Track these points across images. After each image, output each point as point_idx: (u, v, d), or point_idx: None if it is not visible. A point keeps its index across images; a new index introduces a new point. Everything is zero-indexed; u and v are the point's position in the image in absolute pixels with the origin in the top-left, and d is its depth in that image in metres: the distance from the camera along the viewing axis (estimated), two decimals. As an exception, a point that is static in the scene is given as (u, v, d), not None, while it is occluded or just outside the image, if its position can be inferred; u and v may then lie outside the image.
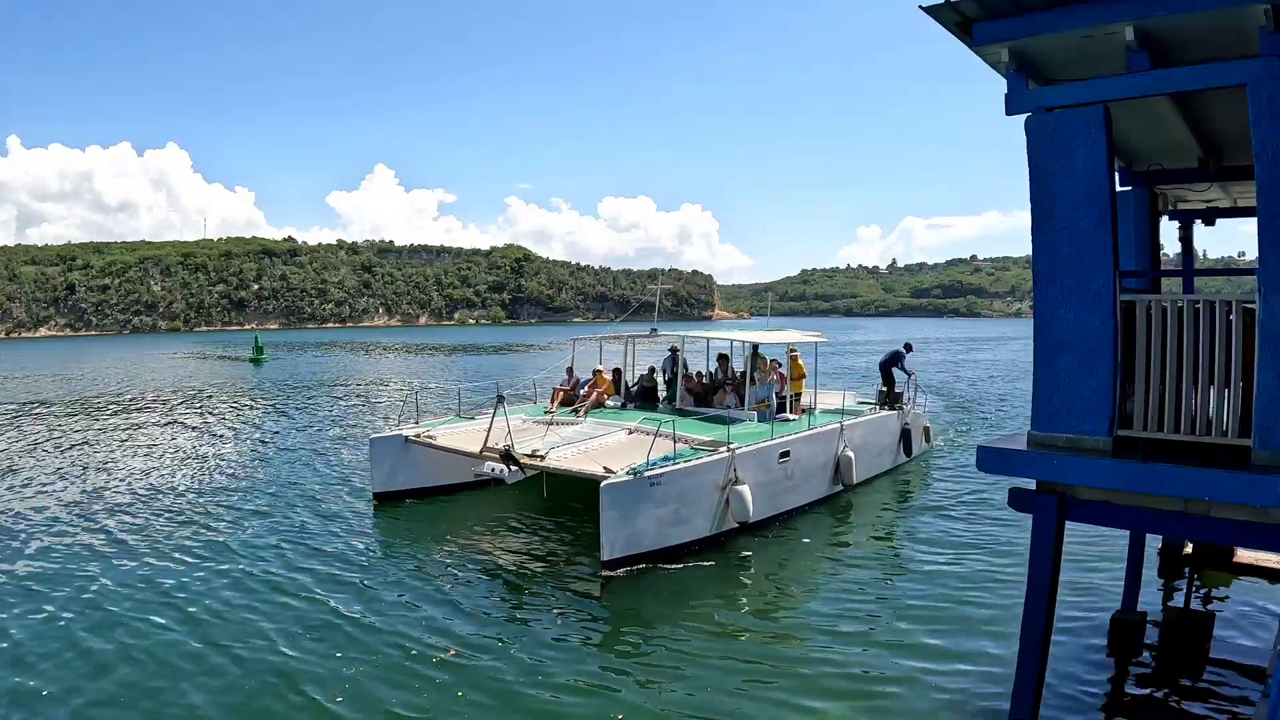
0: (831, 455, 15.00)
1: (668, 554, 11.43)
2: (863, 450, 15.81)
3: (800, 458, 13.90)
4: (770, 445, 13.26)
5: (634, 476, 11.02)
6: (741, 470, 12.26)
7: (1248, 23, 4.72)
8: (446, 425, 15.53)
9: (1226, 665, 8.13)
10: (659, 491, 11.20)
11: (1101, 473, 5.12)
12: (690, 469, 11.72)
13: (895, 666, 8.32)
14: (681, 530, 11.65)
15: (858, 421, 16.14)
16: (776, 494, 13.42)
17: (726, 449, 12.29)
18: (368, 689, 7.77)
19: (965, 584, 10.76)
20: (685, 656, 8.58)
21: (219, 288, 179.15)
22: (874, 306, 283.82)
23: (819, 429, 14.86)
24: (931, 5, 5.31)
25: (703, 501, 11.89)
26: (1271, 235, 4.64)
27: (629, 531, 10.99)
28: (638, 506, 11.03)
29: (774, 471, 13.26)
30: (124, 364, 62.13)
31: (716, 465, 12.09)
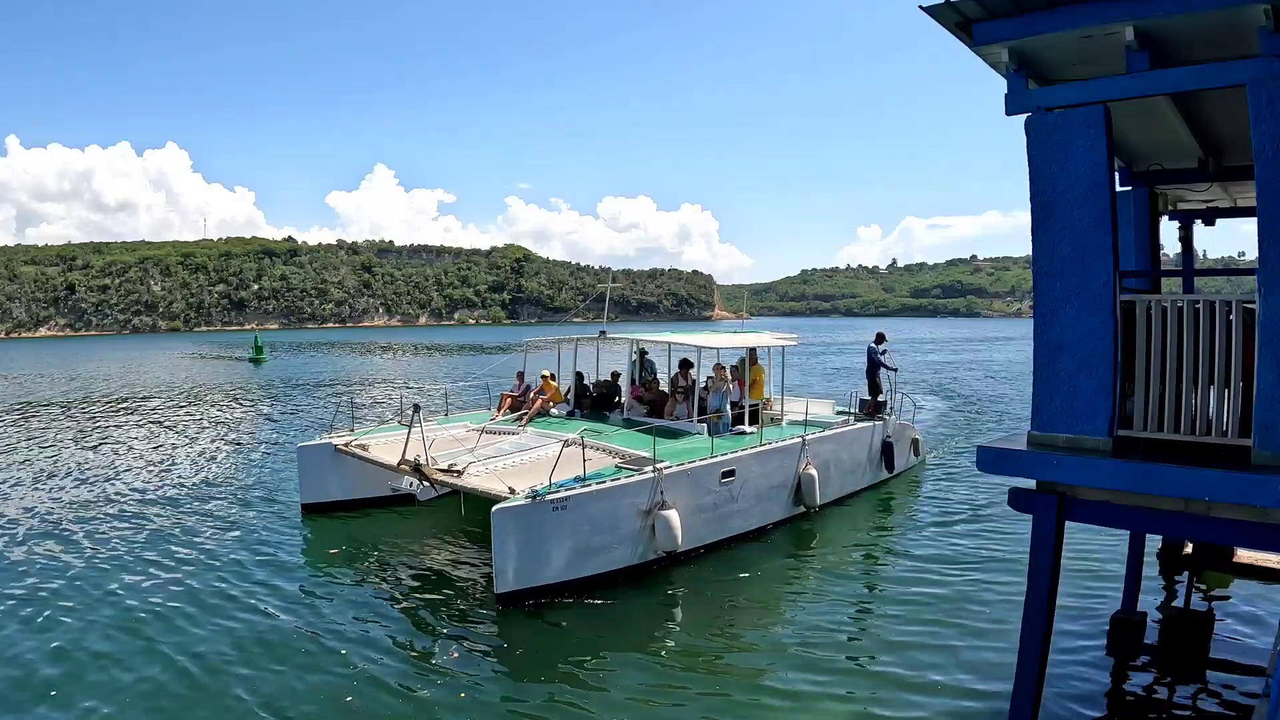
0: (790, 473, 13.58)
1: (580, 587, 10.23)
2: (831, 467, 14.56)
3: (749, 477, 12.58)
4: (710, 464, 11.89)
5: (533, 500, 9.79)
6: (670, 492, 10.99)
7: (1248, 23, 4.72)
8: (383, 433, 14.56)
9: (1226, 665, 8.13)
10: (565, 517, 10.00)
11: (1101, 473, 5.12)
12: (603, 492, 10.44)
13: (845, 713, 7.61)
14: (595, 560, 10.42)
15: (825, 435, 14.64)
16: (718, 518, 12.16)
17: (652, 469, 10.96)
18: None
19: (935, 620, 9.55)
20: (581, 707, 7.64)
21: (219, 288, 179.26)
22: (874, 306, 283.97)
23: (773, 444, 13.38)
24: (931, 5, 5.30)
25: (622, 528, 10.63)
26: (1271, 235, 4.64)
27: (528, 561, 9.85)
28: (538, 533, 9.86)
29: (714, 493, 11.96)
30: (119, 365, 62.10)
31: (638, 487, 10.77)
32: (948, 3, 5.25)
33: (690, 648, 9.11)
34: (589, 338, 16.38)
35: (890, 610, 10.11)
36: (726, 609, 10.31)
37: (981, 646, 8.76)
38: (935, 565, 11.68)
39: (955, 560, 11.89)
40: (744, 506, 12.59)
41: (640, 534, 10.82)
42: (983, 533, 13.23)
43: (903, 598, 10.46)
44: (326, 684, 8.00)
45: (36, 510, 14.97)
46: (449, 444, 13.45)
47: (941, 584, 10.85)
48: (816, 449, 14.12)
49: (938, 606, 10.02)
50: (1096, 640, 8.67)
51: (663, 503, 10.89)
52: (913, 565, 11.83)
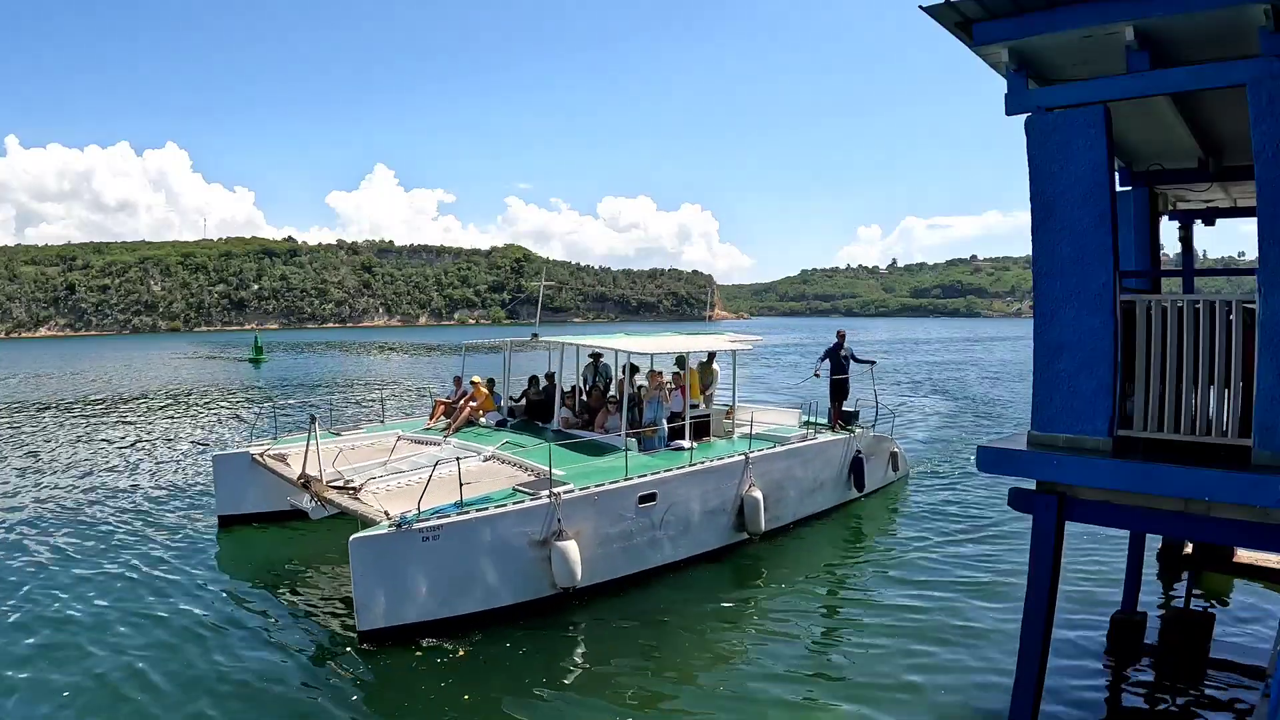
0: (730, 496, 12.06)
1: (459, 625, 9.17)
2: (784, 487, 13.10)
3: (676, 501, 11.16)
4: (623, 486, 10.55)
5: (398, 529, 8.85)
6: (570, 520, 9.81)
7: (1248, 23, 4.72)
8: (321, 441, 13.55)
9: (1226, 665, 8.13)
10: (437, 548, 8.98)
11: (1101, 473, 5.12)
12: (484, 520, 9.33)
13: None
14: (475, 597, 9.33)
15: (775, 451, 13.03)
16: (635, 549, 10.77)
17: (547, 493, 9.79)
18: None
19: (889, 670, 8.37)
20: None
21: (219, 288, 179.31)
22: (874, 306, 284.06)
23: (708, 463, 11.87)
24: (931, 5, 5.31)
25: (509, 560, 9.51)
26: (1271, 235, 4.64)
27: (394, 596, 8.89)
28: (404, 566, 8.88)
29: (629, 520, 10.60)
30: (115, 365, 61.96)
31: (529, 515, 9.60)
32: (948, 3, 5.25)
33: (579, 698, 7.95)
34: (521, 340, 15.46)
35: (833, 655, 9.01)
36: (632, 654, 8.92)
37: (954, 687, 8.03)
38: (897, 599, 10.46)
39: (922, 592, 10.63)
40: (670, 535, 11.19)
41: (533, 567, 9.66)
42: (961, 561, 11.93)
43: (852, 639, 9.38)
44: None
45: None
46: (370, 454, 12.61)
47: (902, 623, 9.63)
48: (764, 467, 12.62)
49: (895, 651, 8.83)
50: (1096, 640, 8.67)
51: (560, 532, 9.70)
52: (868, 598, 10.75)
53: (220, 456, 13.50)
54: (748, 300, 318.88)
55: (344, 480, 10.94)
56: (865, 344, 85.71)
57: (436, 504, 9.33)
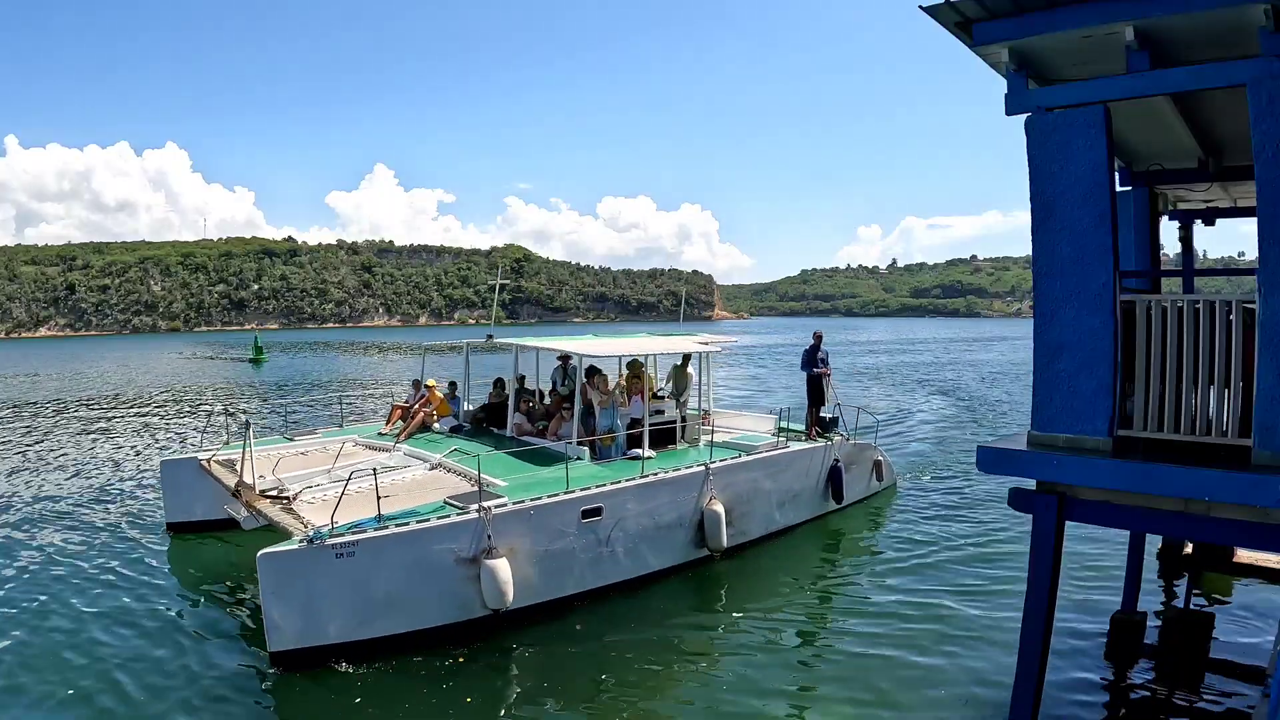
0: (688, 510, 11.27)
1: (383, 647, 8.61)
2: (750, 500, 12.28)
3: (625, 516, 10.45)
4: (563, 500, 9.85)
5: (309, 544, 8.29)
6: (502, 536, 9.17)
7: (1248, 23, 4.72)
8: (261, 447, 13.01)
9: (1226, 665, 8.14)
10: (352, 565, 8.41)
11: (1101, 473, 5.12)
12: (405, 536, 8.71)
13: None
14: (397, 618, 8.75)
15: (739, 461, 12.20)
16: (578, 568, 10.09)
17: (477, 508, 9.13)
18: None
19: (862, 695, 7.89)
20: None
21: (219, 288, 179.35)
22: (874, 306, 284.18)
23: (663, 474, 11.05)
24: (931, 5, 5.30)
25: (434, 580, 8.92)
26: (1271, 235, 4.64)
27: (307, 616, 8.36)
28: (317, 584, 8.34)
29: (571, 536, 9.92)
30: (109, 366, 61.88)
31: (455, 530, 8.97)
32: (948, 3, 5.25)
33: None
34: (477, 341, 14.83)
35: (804, 674, 8.54)
36: (570, 681, 8.37)
37: (942, 701, 7.73)
38: (873, 614, 9.97)
39: (904, 604, 10.13)
40: (619, 552, 10.48)
41: (461, 587, 9.03)
42: (946, 573, 11.32)
43: (825, 656, 8.96)
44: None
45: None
46: (317, 460, 12.08)
47: (881, 635, 9.23)
48: (727, 479, 11.80)
49: (873, 663, 8.50)
50: (1096, 640, 8.67)
51: (490, 549, 9.04)
52: (841, 614, 10.20)
53: (168, 462, 12.94)
54: (748, 300, 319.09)
55: (280, 489, 10.37)
56: (867, 344, 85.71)
57: (359, 517, 8.78)
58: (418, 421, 13.84)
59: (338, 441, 13.38)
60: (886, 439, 22.11)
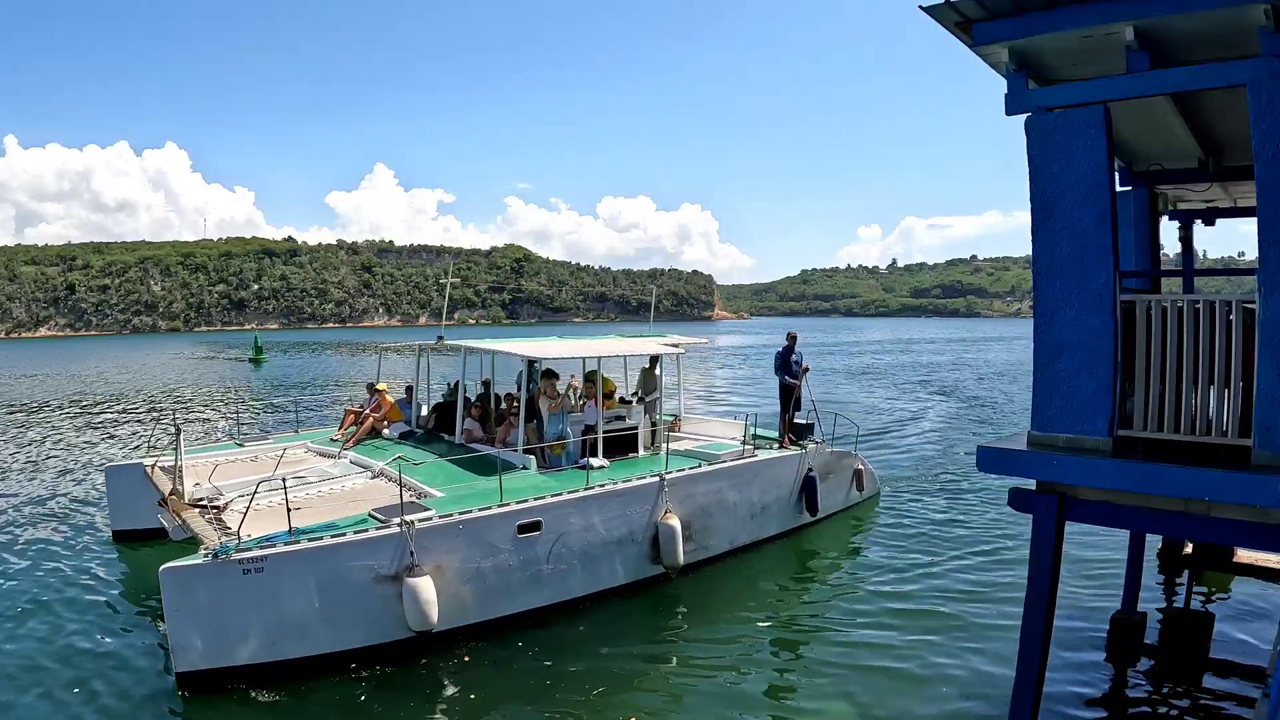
0: (641, 524, 10.53)
1: (298, 670, 8.06)
2: (710, 513, 11.50)
3: (568, 531, 9.80)
4: (496, 514, 9.22)
5: (214, 559, 7.77)
6: (427, 553, 8.60)
7: (1248, 23, 4.72)
8: (206, 453, 12.64)
9: (1226, 665, 8.14)
10: (261, 581, 7.88)
11: (1102, 473, 5.11)
12: (319, 551, 8.14)
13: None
14: (313, 639, 8.18)
15: (698, 472, 11.44)
16: (514, 586, 9.40)
17: (399, 521, 8.54)
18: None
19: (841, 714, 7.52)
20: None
21: (219, 288, 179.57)
22: (874, 306, 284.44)
23: (610, 486, 10.36)
24: (931, 5, 5.30)
25: (353, 599, 8.33)
26: (1271, 235, 4.64)
27: (213, 635, 7.80)
28: (224, 601, 7.81)
29: (505, 553, 9.29)
30: (107, 367, 61.85)
31: (374, 546, 8.39)
32: (948, 3, 5.24)
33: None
34: (428, 343, 14.28)
35: (768, 699, 8.02)
36: (503, 708, 7.81)
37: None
38: (841, 635, 9.36)
39: (870, 631, 9.42)
40: (562, 570, 9.81)
41: (382, 607, 8.44)
42: (929, 589, 10.61)
43: (790, 679, 8.45)
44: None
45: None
46: (258, 467, 11.65)
47: (848, 662, 8.61)
48: (685, 490, 11.07)
49: (840, 690, 8.04)
50: (1096, 640, 8.67)
51: (413, 566, 8.45)
52: (808, 633, 9.63)
53: (113, 468, 12.45)
54: (748, 300, 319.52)
55: (210, 498, 9.84)
56: (866, 344, 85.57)
57: (273, 530, 8.32)
58: (366, 427, 13.31)
59: (289, 447, 12.89)
60: (879, 443, 21.69)
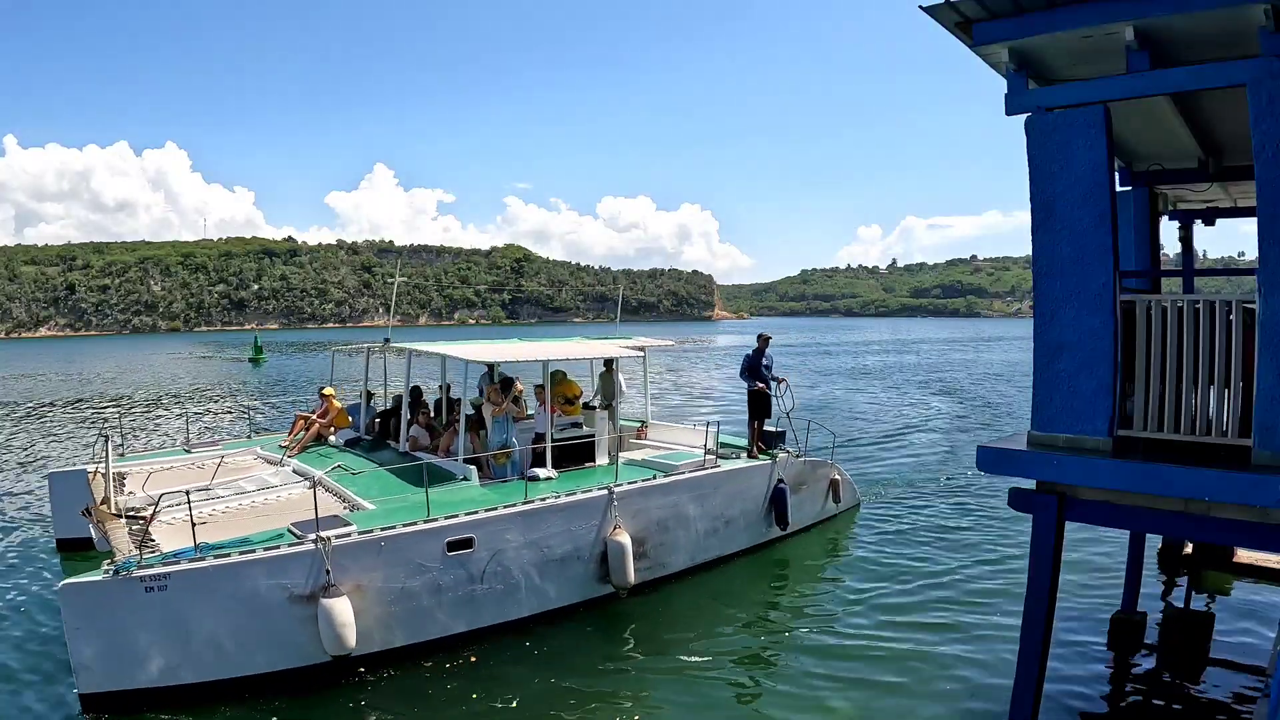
0: (588, 541, 9.86)
1: (208, 693, 7.57)
2: (666, 528, 10.75)
3: (503, 548, 9.13)
4: (424, 530, 8.61)
5: (115, 575, 7.36)
6: (345, 571, 8.03)
7: (1248, 23, 4.72)
8: (155, 459, 12.09)
9: (1226, 665, 8.14)
10: (166, 600, 7.43)
11: (1102, 473, 5.11)
12: (226, 569, 7.63)
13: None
14: (221, 662, 7.67)
15: (651, 484, 10.64)
16: (444, 607, 8.77)
17: (314, 537, 7.96)
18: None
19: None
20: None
21: (219, 288, 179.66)
22: (874, 306, 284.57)
23: (552, 500, 9.66)
24: (931, 5, 5.30)
25: (264, 620, 7.80)
26: (1271, 235, 4.64)
27: (117, 656, 7.39)
28: (127, 620, 7.38)
29: (436, 571, 8.68)
30: (106, 366, 61.83)
31: (287, 563, 7.85)
32: (948, 3, 5.24)
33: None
34: (374, 345, 13.65)
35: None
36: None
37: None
38: (805, 659, 8.72)
39: (839, 652, 8.78)
40: (498, 590, 9.15)
41: (296, 629, 7.89)
42: (902, 607, 10.00)
43: (744, 706, 7.90)
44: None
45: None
46: (199, 476, 11.04)
47: (812, 691, 8.00)
48: (637, 504, 10.32)
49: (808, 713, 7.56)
50: (1096, 640, 8.67)
51: (329, 586, 7.86)
52: (770, 656, 9.00)
53: (56, 475, 11.89)
54: (748, 300, 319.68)
55: (141, 508, 9.34)
56: (865, 345, 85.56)
57: (183, 546, 7.86)
58: (312, 433, 12.63)
59: (236, 454, 12.34)
60: (868, 449, 20.97)
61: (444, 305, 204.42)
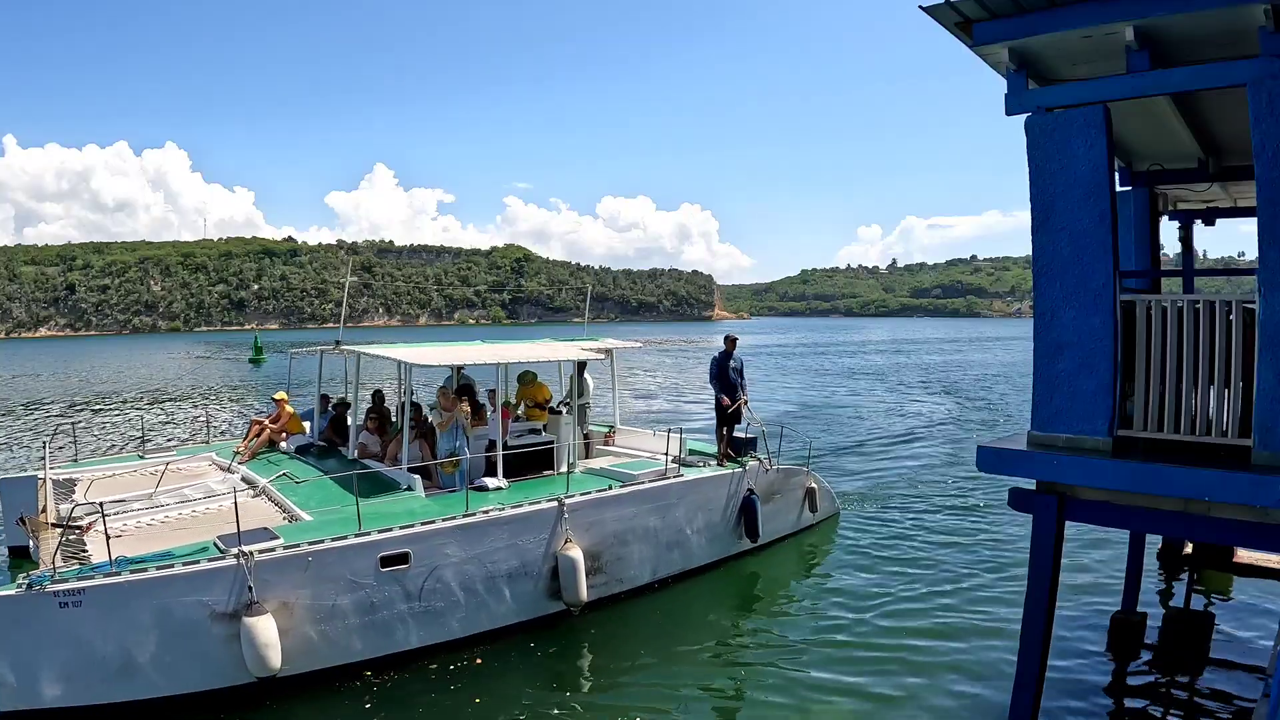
0: (537, 556, 9.31)
1: (126, 715, 7.19)
2: (623, 542, 10.15)
3: (443, 564, 8.62)
4: (355, 545, 8.10)
5: (26, 589, 6.96)
6: (269, 588, 7.58)
7: (1248, 23, 4.72)
8: (107, 465, 11.79)
9: (1226, 665, 8.13)
10: (80, 616, 7.02)
11: (1102, 473, 5.11)
12: (144, 584, 7.18)
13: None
14: (140, 682, 7.22)
15: (605, 495, 10.04)
16: (378, 627, 8.27)
17: (237, 552, 7.50)
18: None
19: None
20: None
21: (219, 288, 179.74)
22: (874, 306, 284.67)
23: (495, 512, 9.09)
24: (931, 5, 5.30)
25: (185, 639, 7.33)
26: (1271, 235, 4.64)
27: (27, 673, 6.97)
28: (38, 636, 6.99)
29: (369, 588, 8.18)
30: (105, 367, 61.83)
31: (208, 580, 7.40)
32: (948, 3, 5.24)
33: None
34: (326, 347, 12.98)
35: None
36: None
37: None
38: (778, 678, 8.23)
39: (805, 676, 8.21)
40: (438, 608, 8.63)
41: (218, 648, 7.44)
42: (879, 625, 9.43)
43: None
44: None
45: None
46: (143, 483, 10.54)
47: (794, 703, 7.64)
48: (590, 516, 9.76)
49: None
50: (1096, 640, 8.67)
51: (251, 604, 7.43)
52: (735, 678, 8.45)
53: (6, 480, 11.46)
54: (748, 300, 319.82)
55: (77, 517, 8.96)
56: (865, 344, 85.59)
57: (131, 555, 7.53)
58: (263, 439, 12.17)
59: (193, 460, 11.98)
60: (857, 454, 20.29)
61: (444, 305, 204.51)
